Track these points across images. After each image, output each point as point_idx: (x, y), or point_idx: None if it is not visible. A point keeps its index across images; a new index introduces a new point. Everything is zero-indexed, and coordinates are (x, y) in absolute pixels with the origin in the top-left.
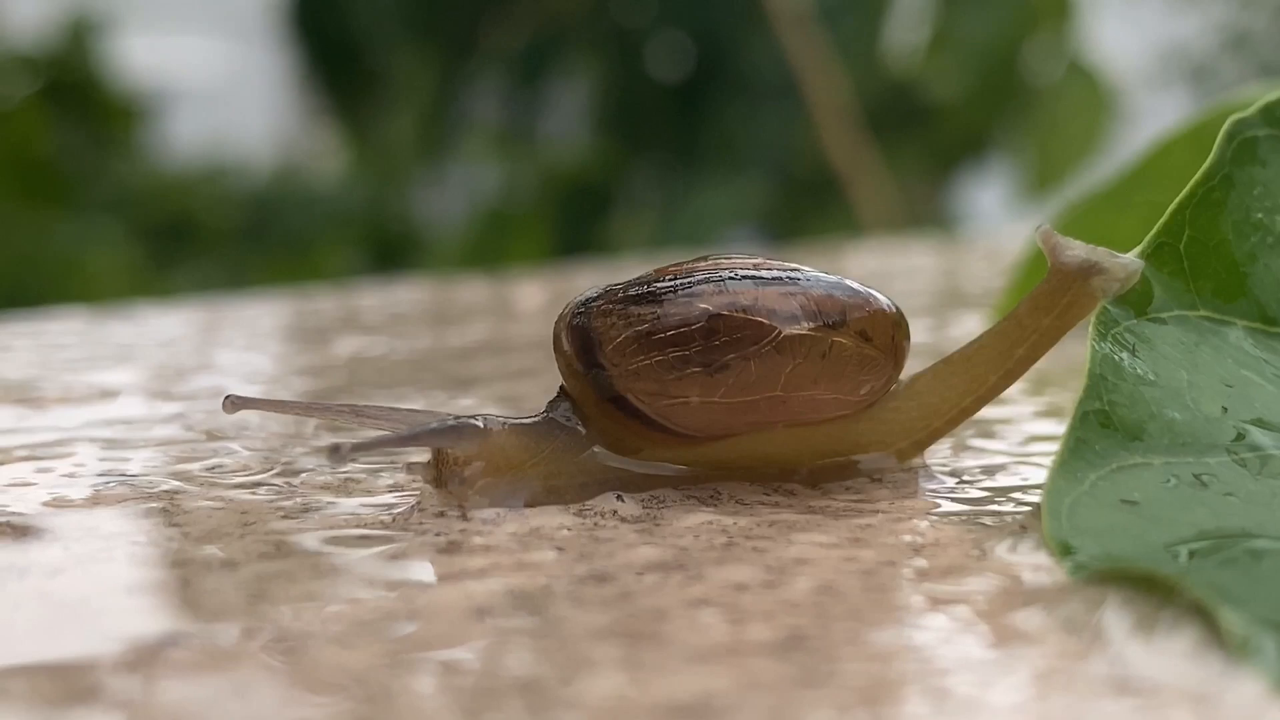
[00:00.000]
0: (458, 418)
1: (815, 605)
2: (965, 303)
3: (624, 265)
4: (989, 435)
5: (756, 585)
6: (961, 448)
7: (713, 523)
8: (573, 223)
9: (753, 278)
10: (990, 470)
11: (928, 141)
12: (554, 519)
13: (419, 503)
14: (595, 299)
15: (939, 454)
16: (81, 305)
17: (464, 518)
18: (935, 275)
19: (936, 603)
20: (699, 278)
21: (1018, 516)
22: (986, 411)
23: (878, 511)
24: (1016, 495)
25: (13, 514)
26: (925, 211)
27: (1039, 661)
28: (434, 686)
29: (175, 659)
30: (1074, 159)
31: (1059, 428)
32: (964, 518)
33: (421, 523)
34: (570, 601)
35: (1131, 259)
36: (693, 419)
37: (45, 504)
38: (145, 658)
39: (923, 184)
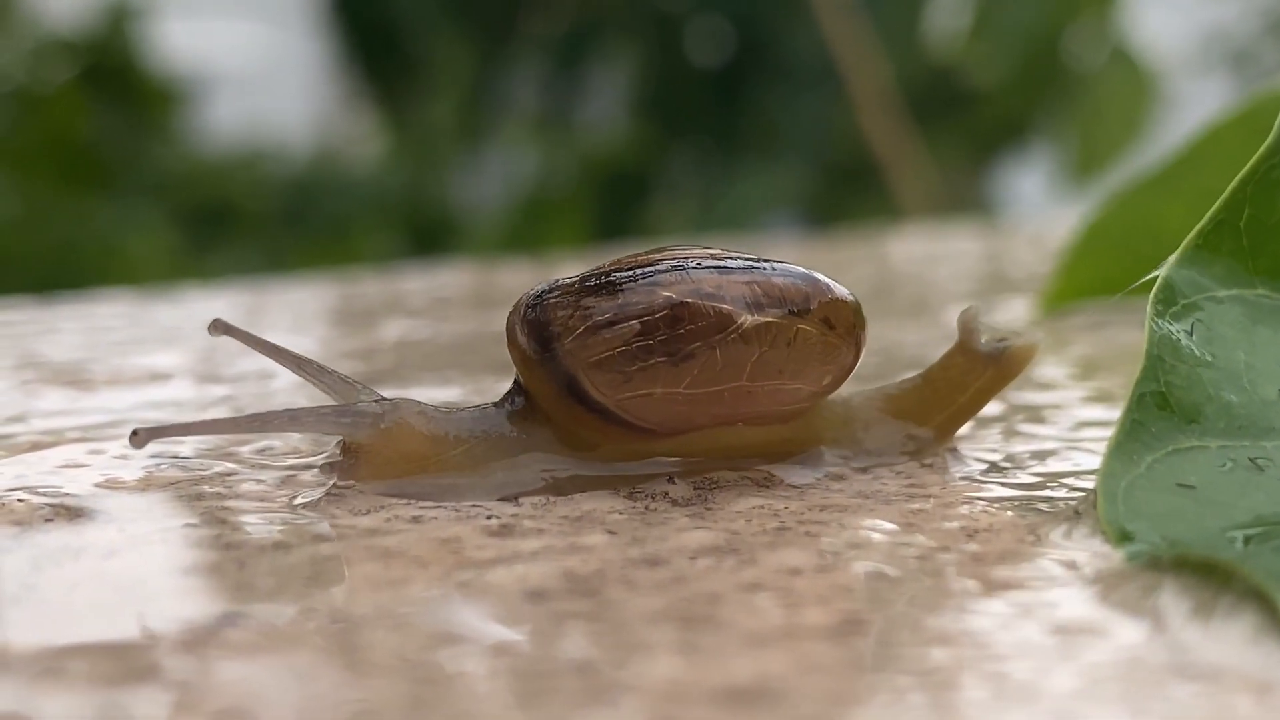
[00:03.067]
0: (379, 400)
1: (870, 590)
2: (1011, 288)
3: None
4: (1039, 420)
5: (810, 570)
6: (1011, 433)
7: (764, 506)
8: (612, 208)
9: (715, 267)
10: (1041, 455)
11: (969, 127)
12: (604, 502)
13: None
14: (549, 291)
15: (989, 439)
16: (123, 289)
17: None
18: (979, 260)
19: (992, 588)
20: (660, 267)
21: (1071, 502)
22: (1036, 396)
23: (929, 496)
24: (1069, 480)
25: (66, 495)
26: (966, 197)
27: (1097, 647)
28: (490, 669)
29: (232, 640)
30: (1117, 145)
31: (1108, 413)
32: (1017, 503)
33: (474, 505)
34: (623, 585)
35: (1031, 336)
36: (654, 412)
37: (98, 485)
38: (202, 638)
39: (963, 170)
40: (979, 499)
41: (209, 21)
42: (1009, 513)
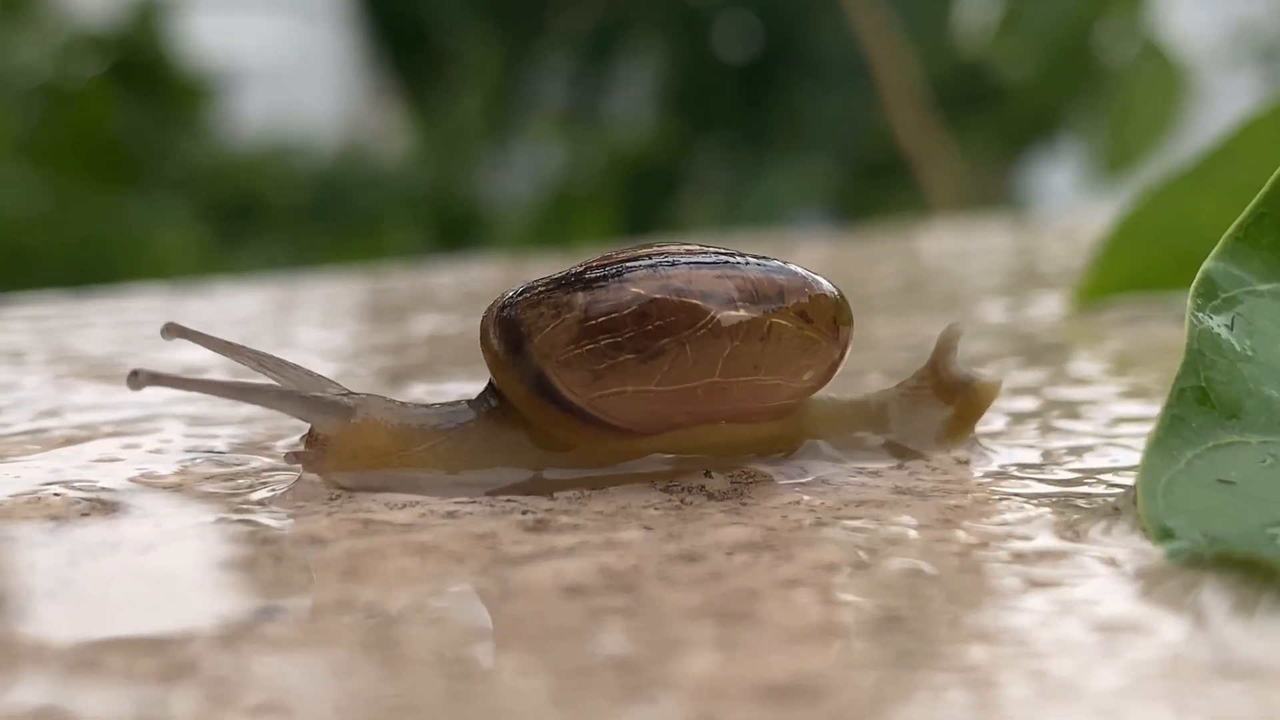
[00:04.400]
0: (349, 394)
1: (909, 587)
2: (1043, 283)
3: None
4: (1075, 416)
5: (848, 566)
6: (1048, 429)
7: (800, 502)
8: (639, 203)
9: (688, 262)
10: (1078, 451)
11: (998, 122)
12: (640, 497)
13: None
14: (523, 290)
15: (1025, 435)
16: (151, 283)
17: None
18: (1010, 255)
19: (1032, 585)
20: (630, 264)
21: (1109, 498)
22: (1071, 392)
23: (966, 492)
24: (1107, 477)
25: (102, 490)
26: (995, 193)
27: (1139, 645)
28: (527, 665)
29: (269, 635)
30: (1148, 140)
31: (1145, 408)
32: (1055, 499)
33: (509, 499)
34: (661, 581)
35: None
36: (628, 410)
37: (133, 480)
38: (239, 633)
39: (993, 165)
40: (1016, 495)
41: (238, 16)
42: (1047, 509)
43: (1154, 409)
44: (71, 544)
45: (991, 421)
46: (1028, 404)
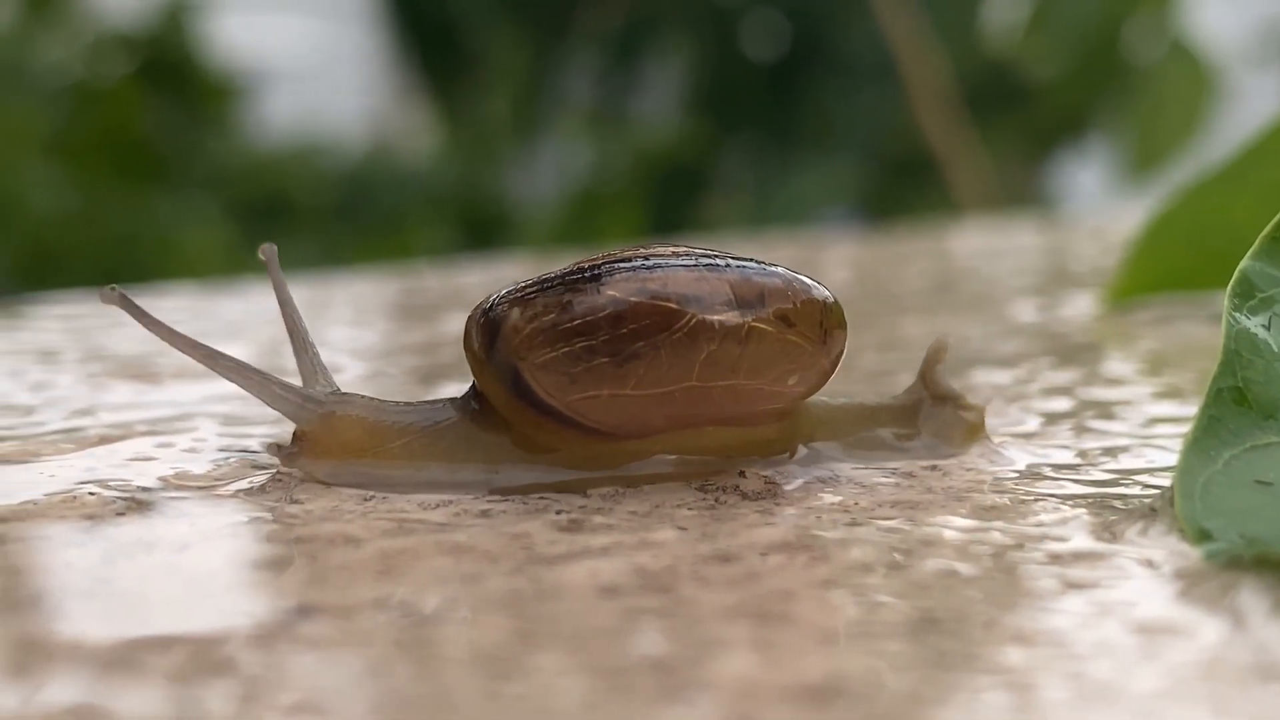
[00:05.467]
0: (334, 391)
1: (945, 588)
2: (1074, 282)
3: (725, 244)
4: (1109, 417)
5: (883, 566)
6: (1082, 429)
7: (834, 503)
8: (666, 203)
9: (665, 265)
10: (1113, 452)
11: (1026, 121)
12: (673, 496)
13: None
14: (508, 292)
15: (1060, 436)
16: (179, 282)
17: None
18: (1041, 255)
19: (1070, 586)
20: (610, 266)
21: (1146, 499)
22: (1105, 393)
23: (1002, 492)
24: (1142, 478)
25: (137, 489)
26: (1023, 192)
27: (1179, 647)
28: (564, 665)
29: (305, 634)
30: (1176, 139)
31: (1180, 409)
32: (1091, 500)
33: (542, 498)
34: (696, 581)
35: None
36: (606, 414)
37: (168, 479)
38: (275, 632)
39: (1021, 165)
40: (1052, 496)
41: (265, 16)
42: (1083, 510)
43: (1188, 409)
44: (107, 543)
45: (1025, 422)
46: (1061, 404)
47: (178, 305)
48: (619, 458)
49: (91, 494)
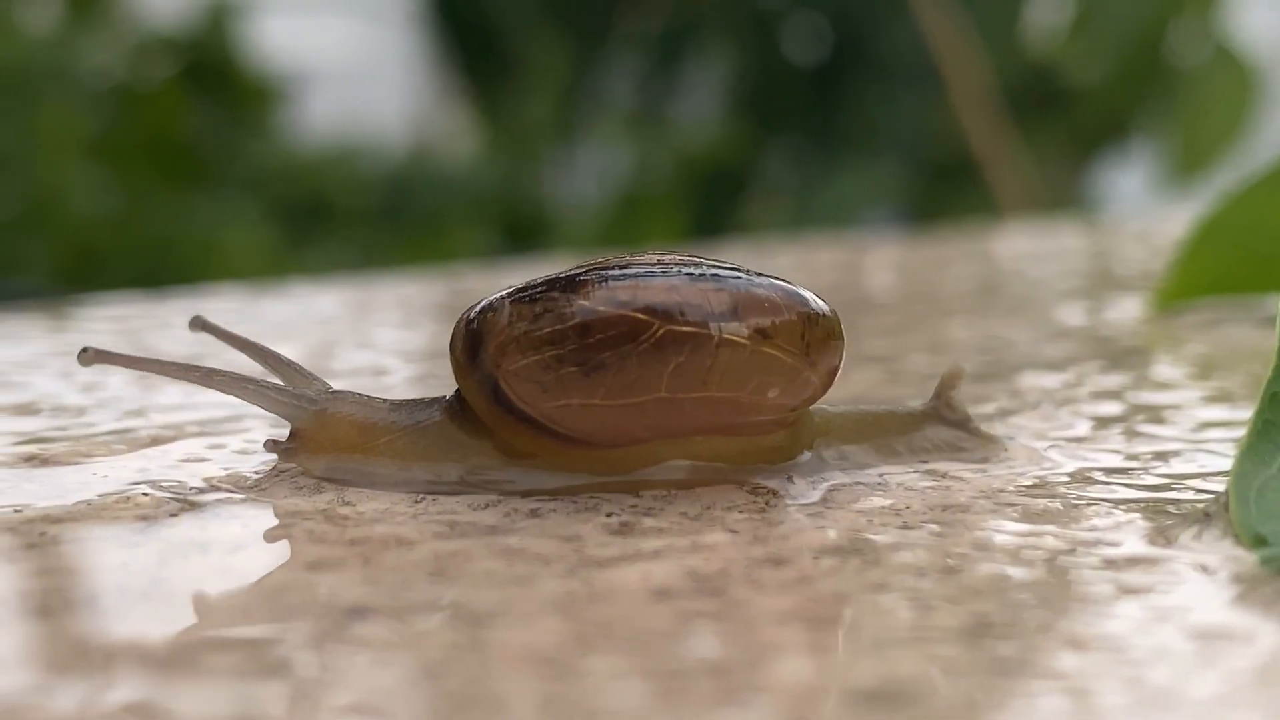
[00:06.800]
0: (326, 390)
1: (1000, 592)
2: (1121, 285)
3: (767, 247)
4: (1159, 421)
5: (936, 571)
6: (1133, 434)
7: (884, 507)
8: (708, 206)
9: (640, 274)
10: (1164, 456)
11: (1068, 125)
12: (724, 498)
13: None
14: (493, 298)
15: (1110, 440)
16: (221, 284)
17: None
18: (1086, 258)
19: (1124, 591)
20: (585, 275)
21: (1199, 504)
22: (1155, 397)
23: (1054, 497)
24: (1195, 483)
25: (190, 490)
26: (1065, 195)
27: (1237, 652)
28: (620, 668)
29: (360, 635)
30: (1220, 143)
31: (1230, 413)
32: (1143, 504)
33: (592, 497)
34: (749, 585)
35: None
36: (580, 422)
37: (220, 480)
38: (330, 633)
39: (1063, 167)
40: (1104, 500)
41: (307, 18)
42: (1136, 514)
43: (1239, 414)
44: (162, 544)
45: (1075, 426)
46: (1112, 408)
47: (225, 306)
48: (604, 466)
49: (145, 495)
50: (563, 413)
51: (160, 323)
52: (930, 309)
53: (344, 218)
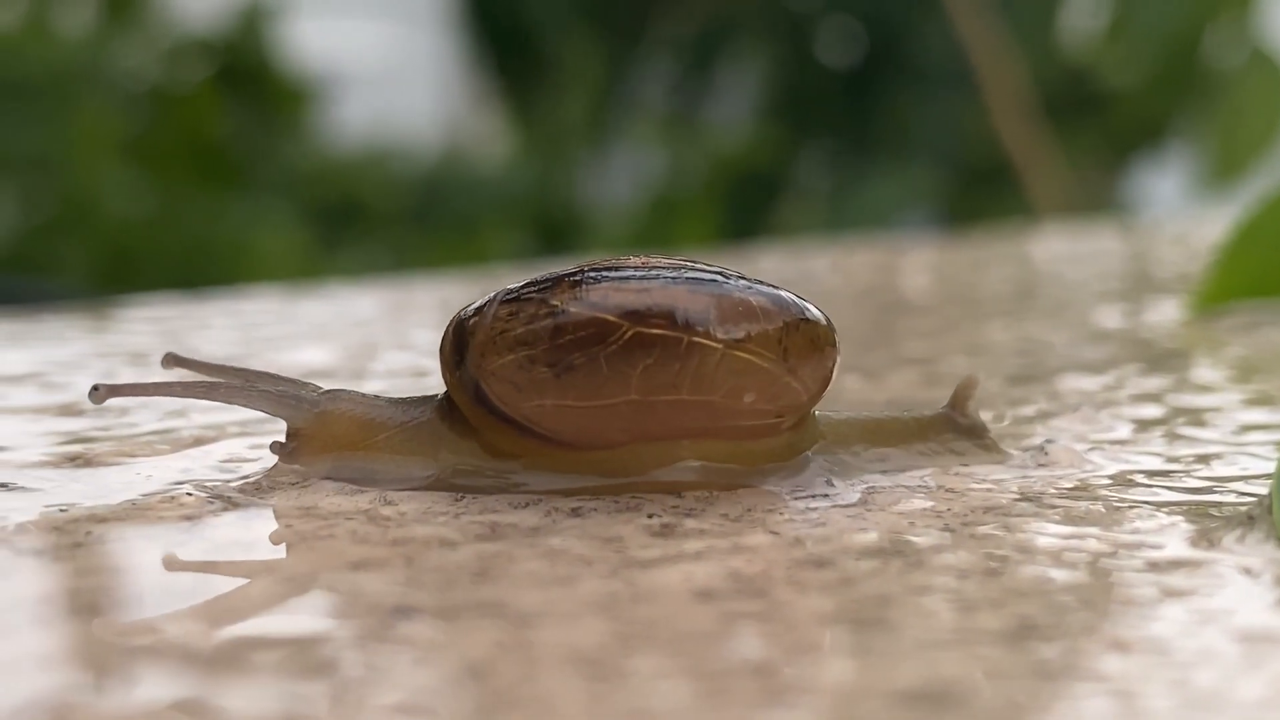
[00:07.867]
0: (326, 391)
1: (1042, 594)
2: (1159, 288)
3: (803, 250)
4: (1200, 424)
5: (979, 573)
6: (1174, 436)
7: (926, 508)
8: (741, 209)
9: (616, 276)
10: (1206, 459)
11: (1104, 128)
12: (764, 500)
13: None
14: (489, 297)
15: (1152, 443)
16: (255, 285)
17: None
18: (1123, 260)
19: (1168, 594)
20: (566, 276)
21: (1242, 507)
22: (1195, 399)
23: (1096, 499)
24: (1237, 485)
25: (233, 490)
26: (1101, 199)
27: None
28: (664, 668)
29: (405, 634)
30: (1257, 146)
31: (1272, 416)
32: (1185, 507)
33: (634, 498)
34: (791, 586)
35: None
36: (557, 424)
37: (262, 480)
38: (376, 632)
39: (1098, 171)
40: (1146, 503)
41: (340, 21)
42: (1179, 517)
43: None
44: (206, 543)
45: (1116, 429)
46: (1152, 411)
47: (261, 308)
48: (579, 467)
49: (189, 495)
50: (539, 413)
51: (200, 323)
52: (968, 311)
53: (377, 220)
